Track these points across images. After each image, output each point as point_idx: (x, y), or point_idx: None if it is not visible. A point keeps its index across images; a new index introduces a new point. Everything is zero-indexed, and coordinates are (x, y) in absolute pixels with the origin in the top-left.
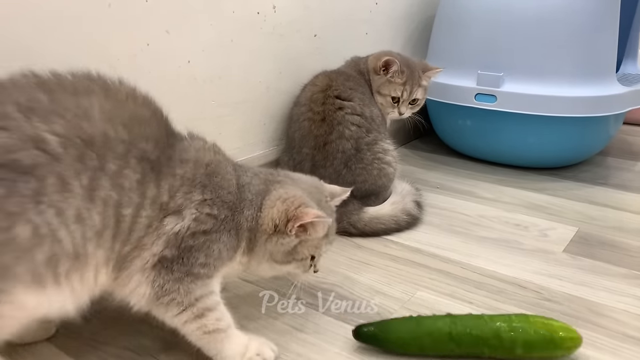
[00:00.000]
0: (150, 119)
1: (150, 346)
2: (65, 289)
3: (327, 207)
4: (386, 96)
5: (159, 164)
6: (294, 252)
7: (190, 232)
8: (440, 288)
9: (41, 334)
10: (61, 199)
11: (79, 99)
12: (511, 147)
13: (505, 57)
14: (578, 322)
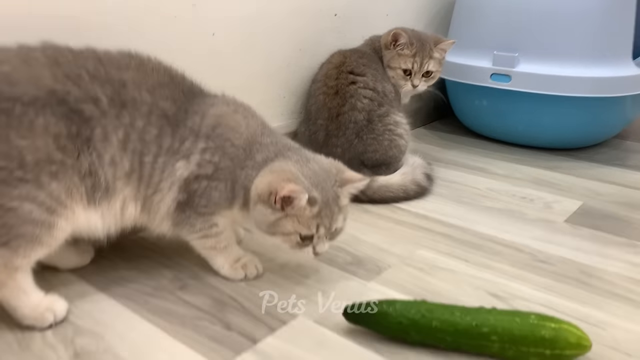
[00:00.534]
0: (169, 83)
1: (168, 285)
2: (98, 211)
3: (330, 191)
4: (396, 69)
5: (175, 118)
6: (277, 225)
7: (194, 176)
8: (439, 248)
9: (80, 261)
10: (102, 147)
11: (121, 72)
12: (527, 127)
13: (521, 38)
14: (567, 280)
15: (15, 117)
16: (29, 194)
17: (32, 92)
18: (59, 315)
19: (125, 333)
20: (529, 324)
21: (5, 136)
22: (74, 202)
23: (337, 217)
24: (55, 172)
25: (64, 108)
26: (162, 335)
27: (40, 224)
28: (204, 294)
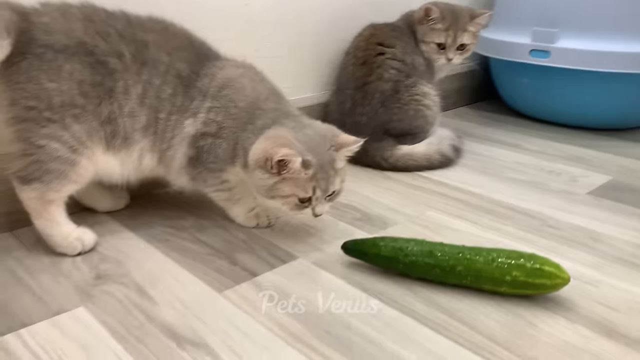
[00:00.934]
0: (187, 47)
1: (188, 226)
2: (117, 158)
3: (325, 155)
4: (430, 43)
5: (188, 79)
6: (275, 189)
7: (200, 133)
8: (450, 211)
9: (114, 205)
10: (123, 98)
11: (145, 34)
12: (569, 105)
13: (562, 14)
14: (572, 244)
15: (46, 61)
16: (55, 134)
17: (63, 41)
18: (87, 245)
19: (142, 262)
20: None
21: (37, 78)
22: (94, 144)
23: (333, 179)
24: (78, 115)
25: (90, 58)
26: (174, 266)
27: (66, 161)
28: (218, 236)
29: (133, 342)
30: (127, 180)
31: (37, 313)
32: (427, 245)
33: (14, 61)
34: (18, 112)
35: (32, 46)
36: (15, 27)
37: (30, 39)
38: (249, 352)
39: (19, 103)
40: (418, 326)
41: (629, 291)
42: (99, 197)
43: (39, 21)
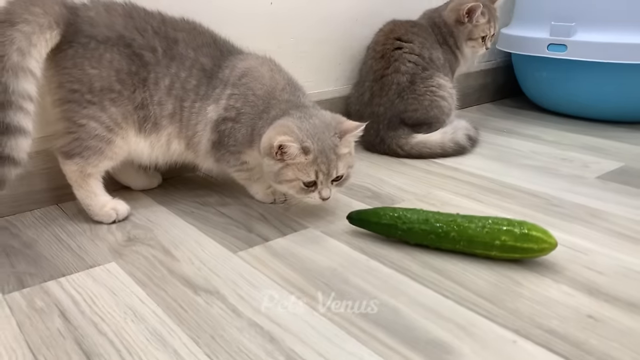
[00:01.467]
0: (211, 44)
1: (213, 202)
2: (147, 140)
3: (328, 141)
4: (477, 39)
5: (211, 72)
6: (281, 174)
7: (222, 118)
8: (458, 191)
9: (148, 184)
10: (154, 88)
11: (176, 32)
12: (588, 98)
13: (579, 8)
14: (571, 219)
15: (90, 50)
16: (95, 114)
17: (105, 33)
18: (120, 215)
19: (169, 229)
20: (498, 218)
21: (81, 64)
22: (128, 125)
23: (335, 164)
24: (114, 99)
25: (128, 50)
26: (197, 233)
27: (102, 139)
28: (238, 210)
29: (154, 289)
30: (156, 162)
31: (75, 266)
32: (424, 214)
33: (62, 48)
34: (64, 94)
35: (78, 36)
36: (63, 19)
37: (77, 30)
38: (253, 297)
39: (65, 86)
40: (410, 282)
41: (617, 258)
42: (135, 177)
43: (86, 15)
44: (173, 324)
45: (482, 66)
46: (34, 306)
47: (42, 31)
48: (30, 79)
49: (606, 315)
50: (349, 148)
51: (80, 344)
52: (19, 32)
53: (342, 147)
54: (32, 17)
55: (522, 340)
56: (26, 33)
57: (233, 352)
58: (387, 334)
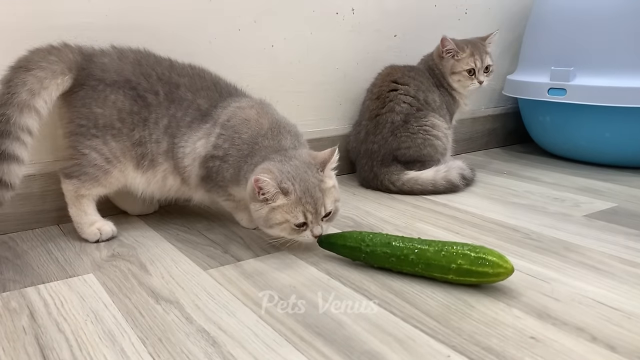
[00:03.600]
0: (211, 88)
1: (199, 227)
2: (144, 176)
3: (311, 180)
4: (461, 72)
5: (206, 112)
6: (269, 218)
7: (210, 156)
8: (438, 223)
9: (144, 210)
10: (153, 127)
11: (180, 77)
12: (590, 142)
13: (577, 53)
14: (544, 252)
15: (98, 91)
16: (97, 146)
17: (114, 77)
18: (104, 235)
19: (151, 248)
20: (457, 243)
21: (89, 104)
22: (126, 160)
23: (322, 201)
24: (115, 135)
25: (133, 92)
26: (175, 252)
27: (100, 169)
28: (221, 234)
29: (121, 297)
30: (152, 196)
31: (56, 275)
32: (386, 238)
33: (74, 90)
34: (73, 128)
35: (89, 79)
36: (76, 66)
37: (89, 74)
38: (210, 307)
39: (74, 121)
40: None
41: (578, 287)
42: (132, 203)
43: (100, 61)
44: (127, 327)
45: (490, 111)
46: (8, 307)
47: (55, 76)
48: (33, 116)
49: (549, 337)
50: (332, 180)
51: (38, 339)
52: (33, 76)
53: (327, 181)
54: (47, 65)
55: (456, 355)
56: (39, 78)
57: (175, 352)
58: (324, 342)
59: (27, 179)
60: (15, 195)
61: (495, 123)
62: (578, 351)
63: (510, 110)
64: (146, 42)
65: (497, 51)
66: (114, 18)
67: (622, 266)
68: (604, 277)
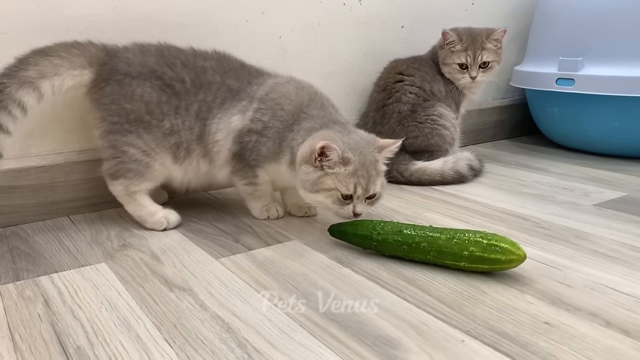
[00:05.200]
0: (238, 68)
1: (210, 217)
2: (181, 166)
3: (369, 156)
4: (451, 64)
5: (237, 90)
6: (319, 182)
7: (247, 129)
8: (448, 213)
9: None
10: (184, 114)
11: (205, 62)
12: (599, 133)
13: (585, 43)
14: (556, 240)
15: (124, 86)
16: (133, 142)
17: (139, 70)
18: (171, 223)
19: (162, 238)
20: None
21: (117, 100)
22: (162, 151)
23: (374, 179)
24: (146, 127)
25: (160, 82)
26: (187, 242)
27: (141, 163)
28: (232, 224)
29: (134, 285)
30: (187, 186)
31: (68, 265)
32: (398, 226)
33: (100, 86)
34: (107, 126)
35: (114, 74)
36: (98, 61)
37: (113, 69)
38: (223, 295)
39: (107, 120)
40: (377, 287)
41: (590, 274)
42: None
43: (124, 56)
44: (142, 314)
45: (497, 102)
46: (22, 295)
47: (73, 67)
48: (32, 94)
49: (563, 322)
50: (384, 166)
51: (54, 326)
52: (49, 61)
53: (381, 164)
54: (67, 55)
55: (470, 339)
56: (55, 64)
57: (190, 338)
58: (338, 328)
59: (37, 171)
60: (26, 187)
61: (503, 114)
62: (592, 336)
63: (518, 102)
64: (154, 34)
65: (504, 42)
66: (122, 10)
67: (634, 253)
68: (616, 265)
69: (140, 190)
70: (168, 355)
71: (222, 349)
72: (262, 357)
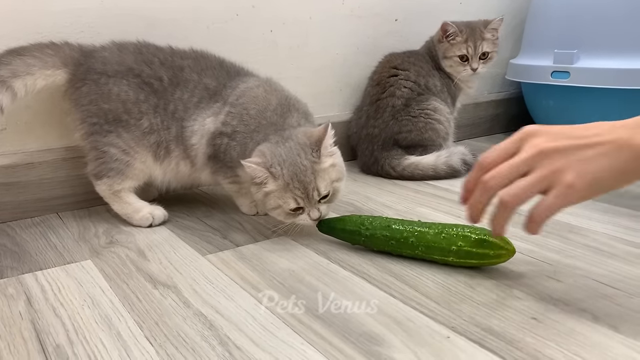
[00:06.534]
0: (217, 67)
1: (199, 213)
2: (161, 166)
3: (302, 163)
4: (452, 57)
5: (214, 91)
6: (265, 202)
7: (218, 132)
8: (440, 208)
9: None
10: (162, 113)
11: (183, 60)
12: None
13: (580, 36)
14: (548, 235)
15: (101, 85)
16: (113, 141)
17: (116, 68)
18: (157, 219)
19: (149, 235)
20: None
21: (95, 101)
22: (142, 150)
23: (314, 185)
24: (124, 127)
25: (138, 80)
26: (174, 238)
27: (122, 162)
28: (220, 220)
29: (118, 282)
30: (168, 186)
31: (54, 262)
32: (386, 221)
33: (76, 87)
34: (87, 128)
35: (90, 73)
36: (72, 61)
37: (89, 68)
38: (207, 291)
39: (86, 121)
40: (363, 283)
41: (581, 269)
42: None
43: (100, 55)
44: (124, 311)
45: (493, 96)
46: (5, 293)
47: (45, 67)
48: (5, 94)
49: (551, 318)
50: (332, 158)
51: (34, 324)
52: (22, 61)
53: (324, 160)
54: (40, 55)
55: (456, 336)
56: (28, 63)
57: (172, 336)
58: (323, 325)
59: (24, 167)
60: (13, 184)
61: (499, 108)
62: (580, 331)
63: (514, 95)
64: (143, 28)
65: (500, 35)
66: (109, 4)
67: (626, 247)
68: (606, 259)
69: (123, 188)
70: (148, 353)
71: (203, 347)
72: (243, 354)
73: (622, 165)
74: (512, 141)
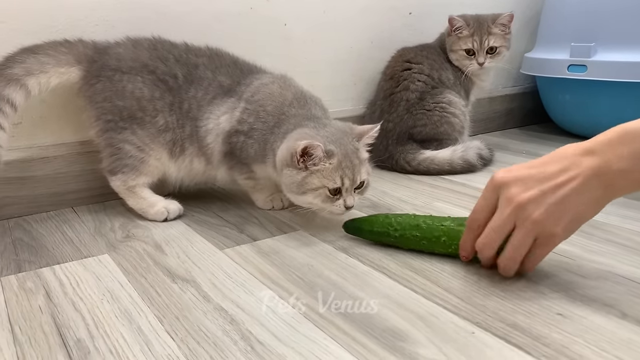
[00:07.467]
0: (231, 65)
1: (215, 209)
2: (175, 163)
3: (349, 145)
4: (458, 51)
5: (229, 88)
6: (305, 183)
7: (234, 130)
8: (457, 202)
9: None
10: (178, 111)
11: (197, 58)
12: (610, 120)
13: (598, 29)
14: None
15: (115, 82)
16: (127, 138)
17: (130, 64)
18: (172, 213)
19: (166, 229)
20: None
21: (110, 98)
22: (157, 147)
23: (359, 168)
24: (139, 124)
25: (152, 76)
26: (191, 232)
27: (136, 159)
28: (236, 214)
29: (136, 276)
30: (181, 183)
31: (71, 256)
32: (415, 220)
33: (91, 83)
34: (102, 125)
35: (104, 70)
36: (86, 58)
37: (103, 65)
38: (227, 286)
39: (101, 118)
40: (383, 278)
41: (606, 264)
42: None
43: (114, 51)
44: (144, 306)
45: (507, 90)
46: (24, 287)
47: (59, 65)
48: (19, 91)
49: (577, 314)
50: (366, 153)
51: (55, 318)
52: (36, 59)
53: (362, 151)
54: (54, 53)
55: (480, 331)
56: (42, 62)
57: (193, 330)
58: (344, 320)
59: (40, 162)
60: (29, 179)
61: (513, 103)
62: (608, 327)
63: (529, 90)
64: (156, 21)
65: (514, 28)
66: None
67: None
68: (631, 254)
69: (138, 184)
70: (170, 348)
71: (225, 341)
72: (265, 349)
73: (593, 196)
74: (489, 194)
